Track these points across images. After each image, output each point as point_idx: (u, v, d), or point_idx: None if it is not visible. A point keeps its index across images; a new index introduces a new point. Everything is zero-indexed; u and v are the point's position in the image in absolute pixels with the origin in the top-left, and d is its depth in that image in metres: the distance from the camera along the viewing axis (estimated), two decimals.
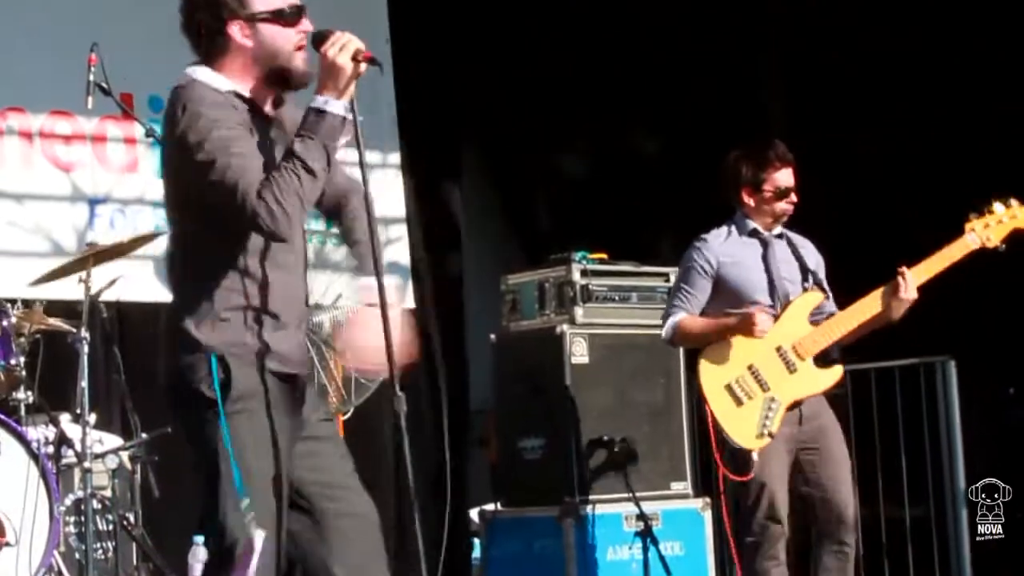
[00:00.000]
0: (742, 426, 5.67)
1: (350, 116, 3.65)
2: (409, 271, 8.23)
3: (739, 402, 5.70)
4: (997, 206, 5.82)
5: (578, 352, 6.86)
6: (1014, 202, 5.84)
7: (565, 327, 6.85)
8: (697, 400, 7.64)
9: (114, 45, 6.98)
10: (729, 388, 5.71)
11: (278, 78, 3.77)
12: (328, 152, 3.63)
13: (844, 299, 5.90)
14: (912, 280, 5.70)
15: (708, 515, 7.01)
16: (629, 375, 6.98)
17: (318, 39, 3.69)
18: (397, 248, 8.22)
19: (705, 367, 5.76)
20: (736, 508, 5.79)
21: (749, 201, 5.92)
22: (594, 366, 6.89)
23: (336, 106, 3.62)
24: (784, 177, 5.89)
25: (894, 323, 5.83)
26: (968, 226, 5.79)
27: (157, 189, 7.83)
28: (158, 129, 6.87)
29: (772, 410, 5.68)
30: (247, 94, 3.77)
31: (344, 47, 3.63)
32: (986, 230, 5.78)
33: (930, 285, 5.78)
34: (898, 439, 7.87)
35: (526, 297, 7.09)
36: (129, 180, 7.86)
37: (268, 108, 3.83)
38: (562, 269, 7.00)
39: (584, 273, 6.99)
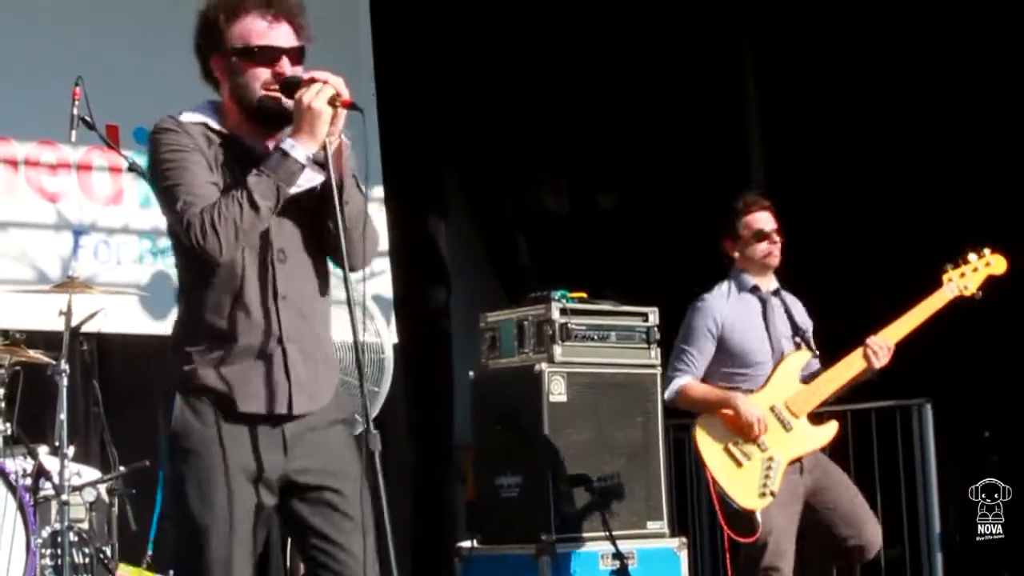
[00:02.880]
0: (743, 487, 5.71)
1: (307, 163, 3.60)
2: (392, 305, 8.27)
3: (738, 464, 5.73)
4: (971, 255, 5.93)
5: (556, 390, 6.87)
6: (987, 251, 5.94)
7: (544, 365, 6.87)
8: (674, 441, 7.74)
9: (101, 76, 7.02)
10: (727, 451, 5.75)
11: (248, 115, 3.74)
12: (279, 193, 3.59)
13: (826, 355, 5.96)
14: (884, 345, 5.77)
15: (684, 555, 7.02)
16: (607, 414, 7.00)
17: (290, 85, 3.66)
18: (381, 281, 8.25)
19: (702, 431, 5.80)
20: (737, 556, 5.83)
21: (734, 252, 5.96)
22: (572, 405, 6.90)
23: (299, 151, 3.59)
24: (759, 219, 5.94)
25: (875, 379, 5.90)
26: (945, 277, 5.89)
27: (141, 219, 7.90)
28: (141, 162, 6.94)
29: (772, 469, 5.72)
30: (221, 127, 3.74)
31: (320, 92, 3.59)
32: (963, 279, 5.89)
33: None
34: (874, 481, 7.89)
35: (505, 335, 7.11)
36: (114, 210, 7.87)
37: (260, 144, 3.77)
38: (542, 307, 7.02)
39: (563, 312, 7.01)
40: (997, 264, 5.95)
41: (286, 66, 3.72)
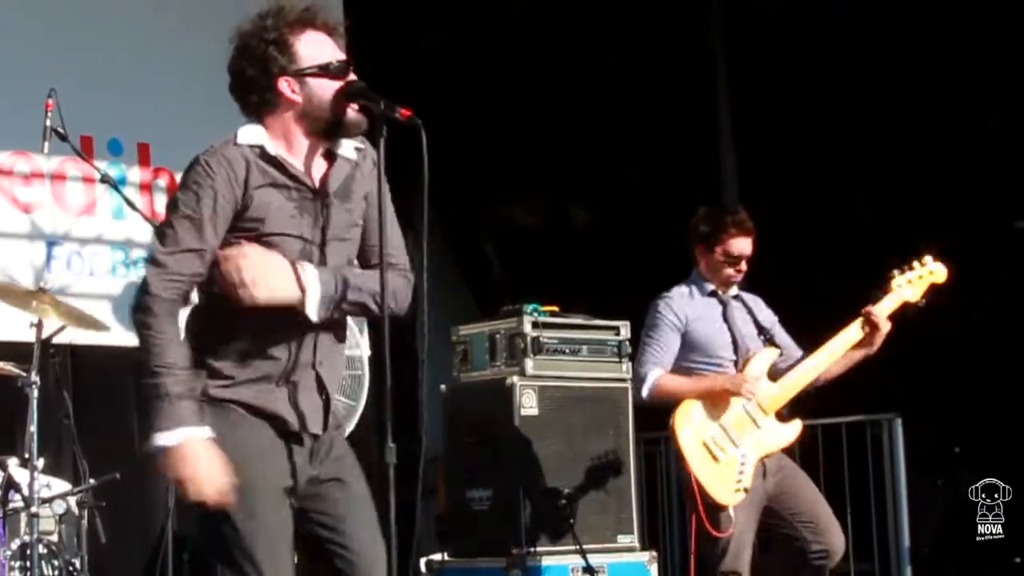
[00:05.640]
0: (719, 482, 5.73)
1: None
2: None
3: (715, 458, 5.76)
4: (915, 263, 5.93)
5: (528, 404, 6.88)
6: (928, 258, 5.94)
7: (515, 378, 6.88)
8: (645, 455, 7.75)
9: (76, 87, 7.01)
10: (705, 445, 5.77)
11: (326, 130, 3.77)
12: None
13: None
14: (882, 316, 5.80)
15: (654, 568, 7.04)
16: (578, 427, 7.00)
17: (354, 94, 3.73)
18: None
19: (680, 425, 5.80)
20: (700, 558, 5.85)
21: (700, 260, 6.00)
22: (543, 418, 6.91)
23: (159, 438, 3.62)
24: (738, 245, 5.95)
25: (870, 357, 5.90)
26: (893, 282, 5.89)
27: (115, 230, 7.90)
28: (113, 174, 6.95)
29: (745, 465, 5.75)
30: (275, 152, 3.75)
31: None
32: (910, 285, 5.91)
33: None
34: (844, 495, 7.93)
35: (477, 348, 7.12)
36: (87, 221, 7.87)
37: (310, 169, 3.80)
38: (513, 321, 7.04)
39: (535, 325, 7.02)
40: (938, 273, 5.95)
41: (352, 77, 3.79)
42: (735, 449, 5.76)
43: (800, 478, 5.95)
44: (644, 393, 5.96)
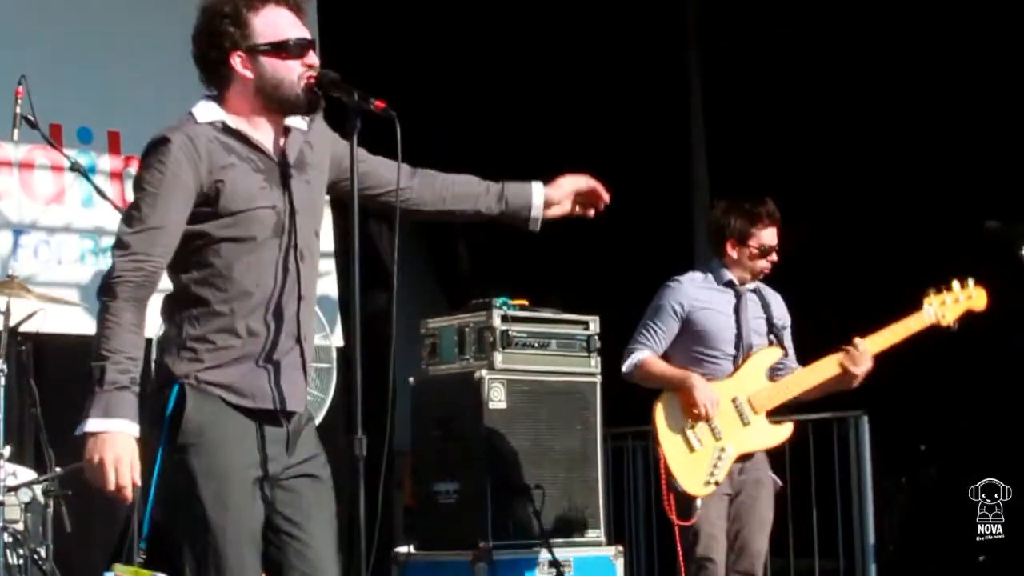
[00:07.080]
0: (691, 472, 5.75)
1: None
2: (337, 305, 8.25)
3: (691, 448, 5.77)
4: (955, 284, 5.89)
5: (496, 397, 6.89)
6: (971, 283, 5.91)
7: (484, 372, 6.88)
8: (613, 449, 7.76)
9: (45, 75, 6.99)
10: (683, 433, 5.78)
11: (281, 107, 3.74)
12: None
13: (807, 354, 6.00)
14: (867, 349, 5.79)
15: (620, 563, 7.05)
16: (546, 422, 7.01)
17: (329, 85, 3.70)
18: (326, 282, 8.24)
19: (661, 410, 5.83)
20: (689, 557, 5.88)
21: (732, 253, 5.97)
22: (512, 412, 6.92)
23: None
24: (770, 236, 5.96)
25: (852, 388, 5.91)
26: (926, 300, 5.86)
27: (84, 219, 7.88)
28: (84, 162, 6.93)
29: (721, 459, 5.76)
30: (236, 126, 3.73)
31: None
32: (943, 307, 5.86)
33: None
34: (810, 492, 7.96)
35: (446, 341, 7.11)
36: (56, 209, 7.85)
37: (272, 141, 3.78)
38: (483, 314, 7.03)
39: (504, 319, 7.02)
40: (978, 299, 5.92)
41: (313, 58, 3.75)
42: (715, 443, 5.77)
43: (765, 497, 5.93)
44: (624, 368, 6.00)
